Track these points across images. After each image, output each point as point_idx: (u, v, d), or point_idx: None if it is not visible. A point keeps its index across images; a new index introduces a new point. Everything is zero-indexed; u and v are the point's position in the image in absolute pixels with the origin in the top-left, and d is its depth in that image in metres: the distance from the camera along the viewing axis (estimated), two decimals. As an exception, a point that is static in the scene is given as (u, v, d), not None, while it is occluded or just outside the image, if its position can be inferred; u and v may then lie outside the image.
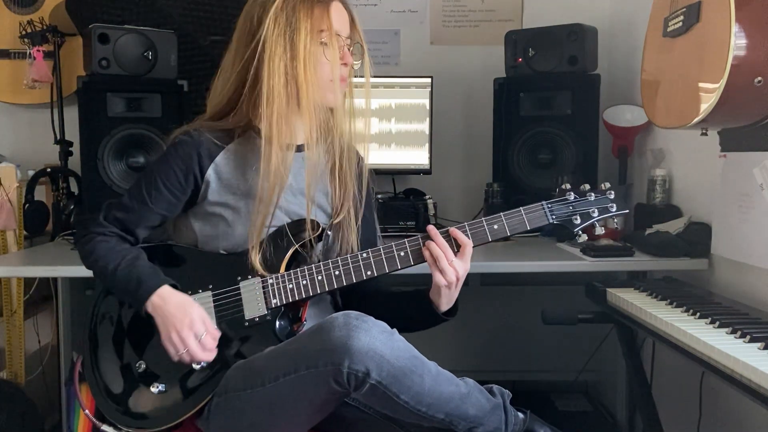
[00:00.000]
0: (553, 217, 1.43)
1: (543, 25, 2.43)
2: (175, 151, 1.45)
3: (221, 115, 1.49)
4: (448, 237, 1.40)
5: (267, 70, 1.40)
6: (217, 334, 1.38)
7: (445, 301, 1.43)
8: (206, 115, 1.51)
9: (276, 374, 1.27)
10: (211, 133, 1.46)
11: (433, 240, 1.39)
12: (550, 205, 1.43)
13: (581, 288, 1.83)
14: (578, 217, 1.44)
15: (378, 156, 2.48)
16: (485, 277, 2.68)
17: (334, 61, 1.43)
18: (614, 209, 1.45)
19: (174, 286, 1.40)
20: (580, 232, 1.45)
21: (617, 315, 1.66)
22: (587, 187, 1.46)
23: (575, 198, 1.44)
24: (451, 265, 1.38)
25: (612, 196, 1.45)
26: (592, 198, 1.45)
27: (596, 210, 1.44)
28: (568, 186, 1.46)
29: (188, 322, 1.34)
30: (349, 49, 1.48)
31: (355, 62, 1.50)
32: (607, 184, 1.47)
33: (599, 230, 1.46)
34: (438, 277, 1.39)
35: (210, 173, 1.44)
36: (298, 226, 1.45)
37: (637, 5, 2.43)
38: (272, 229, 1.44)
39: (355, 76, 1.52)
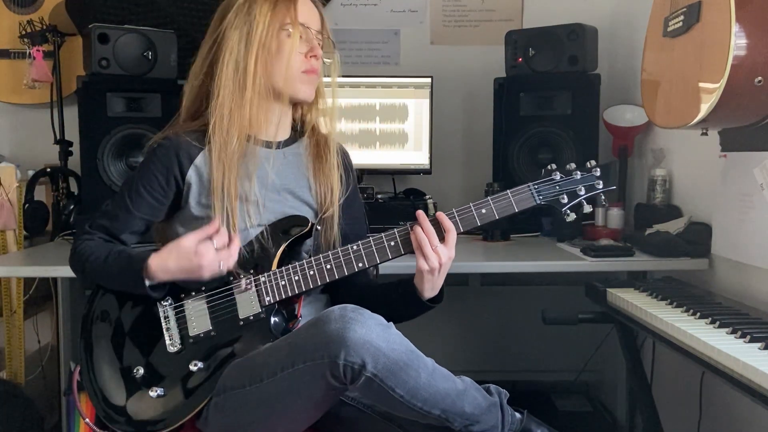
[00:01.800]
0: (540, 197, 1.41)
1: (543, 25, 2.43)
2: (154, 156, 1.46)
3: (193, 114, 1.51)
4: (435, 222, 1.40)
5: (220, 63, 1.44)
6: (214, 227, 1.37)
7: (429, 287, 1.42)
8: (180, 115, 1.53)
9: (274, 369, 1.27)
10: (188, 135, 1.47)
11: (420, 225, 1.39)
12: (536, 186, 1.41)
13: (581, 288, 1.83)
14: (565, 197, 1.41)
15: (378, 156, 2.48)
16: (485, 277, 2.69)
17: (292, 49, 1.44)
18: (601, 186, 1.42)
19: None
20: (569, 212, 1.42)
21: (617, 315, 1.66)
22: (573, 166, 1.44)
23: (561, 177, 1.42)
24: (435, 251, 1.37)
25: (598, 173, 1.42)
26: (578, 176, 1.42)
27: (582, 188, 1.42)
28: (554, 166, 1.44)
29: (193, 251, 1.34)
30: (319, 44, 1.49)
31: (326, 59, 1.51)
32: (593, 162, 1.44)
33: (587, 209, 1.43)
34: (421, 262, 1.38)
35: (191, 174, 1.45)
36: (287, 222, 1.46)
37: (637, 5, 2.43)
38: (260, 228, 1.45)
39: (326, 75, 1.54)
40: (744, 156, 1.68)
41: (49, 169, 2.42)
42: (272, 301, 1.40)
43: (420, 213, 1.40)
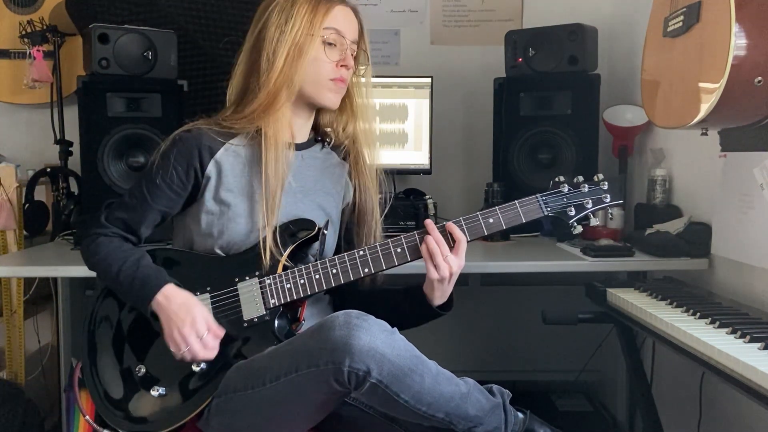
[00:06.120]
0: (548, 209, 1.43)
1: (543, 25, 2.43)
2: (175, 148, 1.44)
3: (236, 109, 1.50)
4: (444, 231, 1.41)
5: (259, 60, 1.43)
6: (221, 332, 1.38)
7: (438, 294, 1.44)
8: (224, 111, 1.51)
9: (277, 374, 1.27)
10: (211, 129, 1.46)
11: (429, 234, 1.40)
12: (544, 198, 1.43)
13: (581, 288, 1.83)
14: (573, 209, 1.43)
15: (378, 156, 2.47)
16: (485, 277, 2.68)
17: (321, 54, 1.44)
18: (608, 200, 1.45)
19: (178, 286, 1.40)
20: (576, 224, 1.44)
21: (617, 315, 1.67)
22: (581, 179, 1.46)
23: (569, 190, 1.44)
24: (445, 261, 1.39)
25: (606, 187, 1.45)
26: (586, 189, 1.45)
27: (590, 201, 1.44)
28: (562, 179, 1.46)
29: (190, 321, 1.34)
30: (352, 55, 1.48)
31: (361, 74, 1.52)
32: (601, 176, 1.46)
33: (594, 221, 1.46)
34: (432, 272, 1.40)
35: (210, 168, 1.44)
36: (295, 225, 1.46)
37: (637, 5, 2.43)
38: (270, 229, 1.44)
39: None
40: (744, 156, 1.68)
41: (49, 169, 2.42)
42: (277, 304, 1.40)
43: (429, 222, 1.41)
